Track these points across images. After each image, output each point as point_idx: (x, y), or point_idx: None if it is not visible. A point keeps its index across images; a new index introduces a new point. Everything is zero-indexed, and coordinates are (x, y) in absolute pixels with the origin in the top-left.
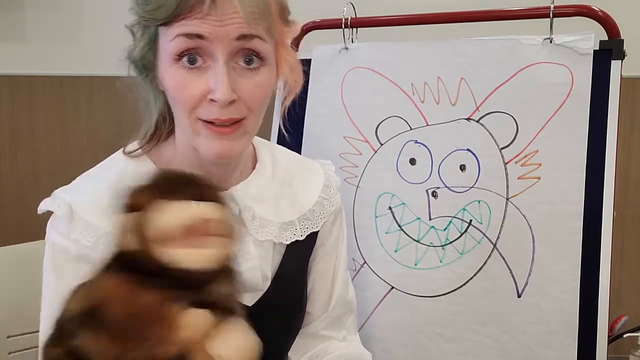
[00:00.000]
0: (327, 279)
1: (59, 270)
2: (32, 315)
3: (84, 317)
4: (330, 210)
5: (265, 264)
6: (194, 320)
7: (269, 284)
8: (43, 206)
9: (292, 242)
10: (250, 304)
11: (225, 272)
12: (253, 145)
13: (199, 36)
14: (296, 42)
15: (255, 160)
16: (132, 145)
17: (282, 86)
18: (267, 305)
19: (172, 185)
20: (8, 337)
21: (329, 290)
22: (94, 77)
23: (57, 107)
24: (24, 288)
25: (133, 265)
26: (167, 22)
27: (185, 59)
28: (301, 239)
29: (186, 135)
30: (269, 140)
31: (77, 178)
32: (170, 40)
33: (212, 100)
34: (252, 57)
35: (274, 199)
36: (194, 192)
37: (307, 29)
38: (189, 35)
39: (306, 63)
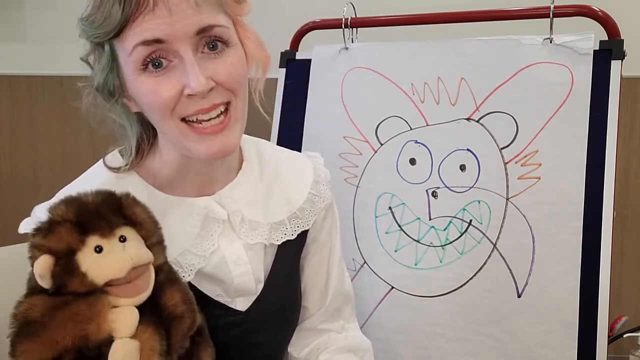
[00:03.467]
0: (321, 274)
1: None
2: None
3: (14, 339)
4: (321, 206)
5: (257, 267)
6: (121, 314)
7: (262, 286)
8: (22, 228)
9: (283, 242)
10: (243, 309)
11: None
12: None
13: (157, 41)
14: (296, 42)
15: (241, 159)
16: (115, 160)
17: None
18: (261, 307)
19: (89, 218)
20: (8, 337)
21: (324, 285)
22: None
23: (57, 107)
24: (23, 288)
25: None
26: (119, 33)
27: (150, 65)
28: (292, 238)
29: (174, 142)
30: (268, 139)
31: (58, 193)
32: (129, 55)
33: (189, 95)
34: (215, 43)
35: (263, 200)
36: (111, 220)
37: (307, 29)
38: (146, 42)
39: (306, 63)
